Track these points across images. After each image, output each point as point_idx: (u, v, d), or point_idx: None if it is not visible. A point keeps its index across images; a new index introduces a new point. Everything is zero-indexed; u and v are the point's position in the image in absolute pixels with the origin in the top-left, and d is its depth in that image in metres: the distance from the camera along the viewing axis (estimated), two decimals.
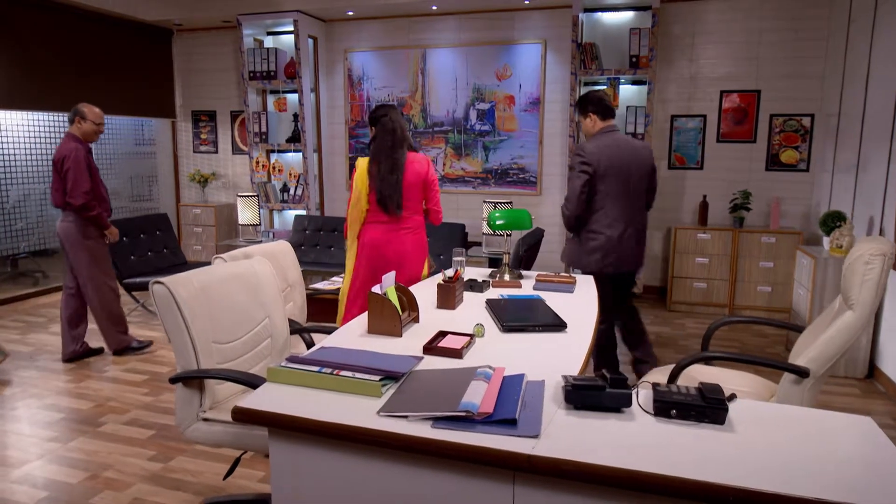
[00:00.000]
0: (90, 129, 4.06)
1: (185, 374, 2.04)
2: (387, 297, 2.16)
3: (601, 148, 3.32)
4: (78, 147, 3.96)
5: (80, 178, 3.90)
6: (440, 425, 1.47)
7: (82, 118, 4.03)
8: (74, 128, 4.04)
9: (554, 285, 2.93)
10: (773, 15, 5.32)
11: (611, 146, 3.34)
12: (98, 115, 4.11)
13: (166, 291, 2.03)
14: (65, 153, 3.93)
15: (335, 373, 1.71)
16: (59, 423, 3.21)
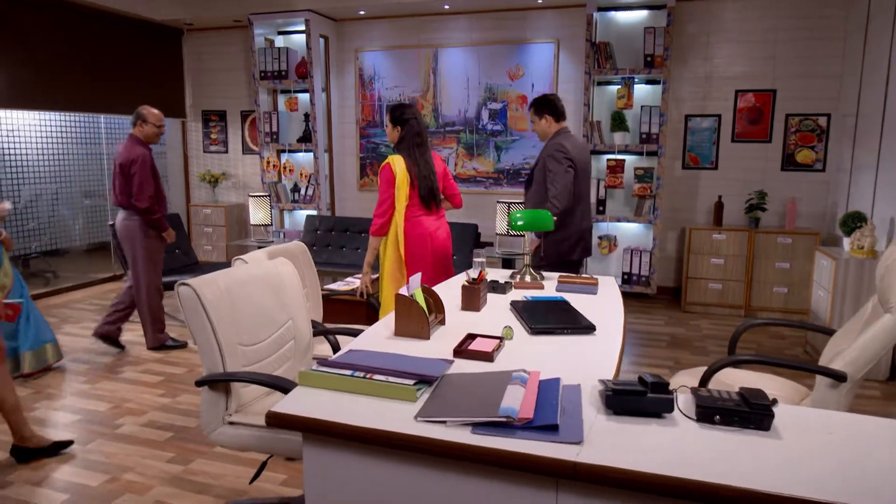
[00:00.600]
0: (151, 131, 4.22)
1: (212, 377, 2.01)
2: (414, 299, 2.13)
3: (574, 146, 3.60)
4: (145, 152, 4.12)
5: (146, 182, 4.07)
6: (480, 431, 1.44)
7: (144, 121, 4.18)
8: (137, 130, 4.19)
9: (576, 287, 2.90)
10: (789, 14, 5.28)
11: (577, 145, 3.63)
12: (158, 118, 4.25)
13: (192, 293, 2.01)
14: (133, 157, 4.07)
15: (368, 376, 1.68)
16: (77, 424, 3.19)
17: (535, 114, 3.69)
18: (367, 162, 6.71)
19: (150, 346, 4.36)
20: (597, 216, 5.62)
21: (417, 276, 2.30)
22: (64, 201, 6.21)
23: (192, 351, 4.36)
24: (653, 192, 5.41)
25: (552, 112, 3.65)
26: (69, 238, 6.38)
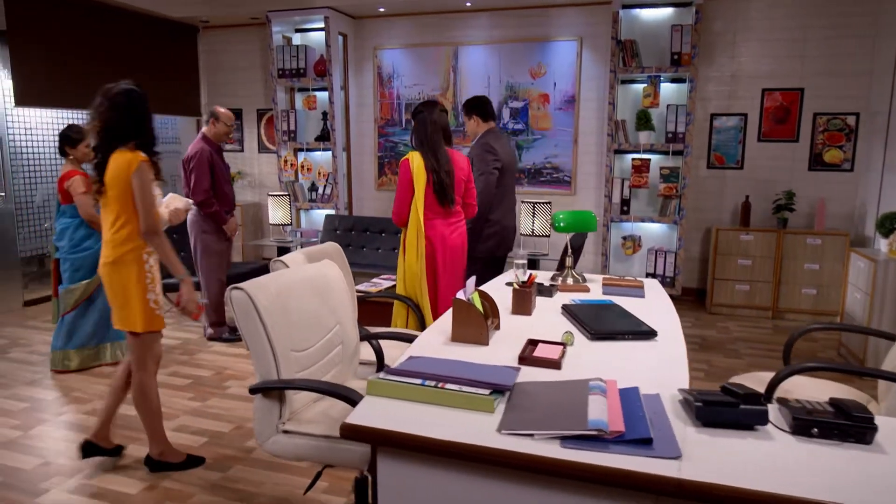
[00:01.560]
0: (222, 130, 4.39)
1: (269, 385, 1.94)
2: (472, 304, 2.06)
3: (502, 146, 3.88)
4: (204, 148, 4.25)
5: (202, 177, 4.19)
6: (570, 444, 1.37)
7: (216, 120, 4.33)
8: (208, 129, 4.37)
9: (622, 289, 2.83)
10: (817, 12, 5.20)
11: (504, 145, 3.94)
12: (230, 118, 4.45)
13: (245, 297, 1.94)
14: (192, 153, 4.25)
15: (440, 386, 1.61)
16: None
17: (465, 114, 3.97)
18: (386, 161, 6.63)
19: (208, 336, 4.55)
20: (621, 216, 5.55)
21: (472, 279, 2.23)
22: None
23: (227, 353, 4.29)
24: (678, 192, 5.34)
25: (480, 113, 3.92)
26: None
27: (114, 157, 2.49)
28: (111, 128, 2.50)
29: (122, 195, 2.49)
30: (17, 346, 4.38)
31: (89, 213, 3.76)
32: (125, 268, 2.53)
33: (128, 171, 2.46)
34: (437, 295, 3.33)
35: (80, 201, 3.74)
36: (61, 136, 3.83)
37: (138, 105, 2.53)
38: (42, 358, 4.15)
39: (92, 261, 3.78)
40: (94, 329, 3.93)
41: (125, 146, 2.51)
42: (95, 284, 3.87)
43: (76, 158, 3.82)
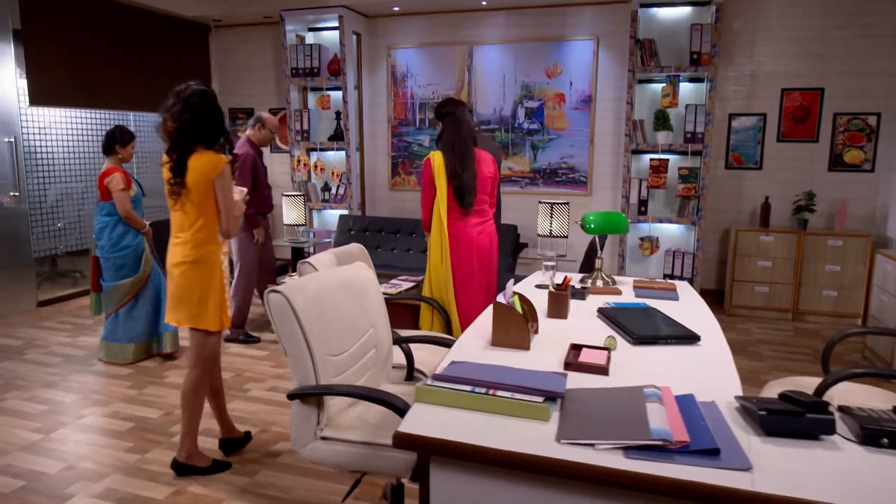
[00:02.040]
0: (266, 136, 4.48)
1: (309, 391, 1.90)
2: (513, 308, 2.02)
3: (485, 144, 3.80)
4: (249, 152, 4.32)
5: (243, 181, 4.24)
6: (634, 455, 1.33)
7: (262, 125, 4.40)
8: (253, 133, 4.43)
9: (655, 292, 2.79)
10: (837, 11, 5.15)
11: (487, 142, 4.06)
12: (275, 124, 4.53)
13: (283, 300, 1.89)
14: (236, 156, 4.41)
15: (491, 393, 1.57)
16: (132, 433, 3.08)
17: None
18: (399, 161, 6.59)
19: (226, 338, 4.52)
20: (639, 216, 5.50)
21: (511, 282, 2.19)
22: (92, 201, 6.09)
23: (245, 354, 4.25)
24: (697, 192, 5.29)
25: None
26: None
27: (194, 158, 2.48)
28: (185, 129, 2.48)
29: (204, 197, 2.50)
30: (33, 347, 4.35)
31: (127, 209, 3.86)
32: (205, 268, 2.56)
33: (212, 173, 2.48)
34: (466, 297, 3.29)
35: (119, 198, 3.83)
36: (111, 134, 3.90)
37: (211, 106, 2.53)
38: (59, 360, 4.12)
39: (133, 258, 3.95)
40: (144, 323, 4.06)
41: (204, 148, 2.51)
42: (142, 280, 4.01)
43: (122, 158, 3.92)
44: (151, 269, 4.08)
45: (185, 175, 2.48)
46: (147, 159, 6.59)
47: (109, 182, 3.82)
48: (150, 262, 4.08)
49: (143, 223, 4.00)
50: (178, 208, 2.55)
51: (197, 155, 2.49)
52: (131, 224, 3.92)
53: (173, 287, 2.59)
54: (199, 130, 2.49)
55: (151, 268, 4.08)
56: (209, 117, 2.51)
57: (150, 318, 4.08)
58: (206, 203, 2.52)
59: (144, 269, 4.02)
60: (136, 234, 3.98)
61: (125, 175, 3.89)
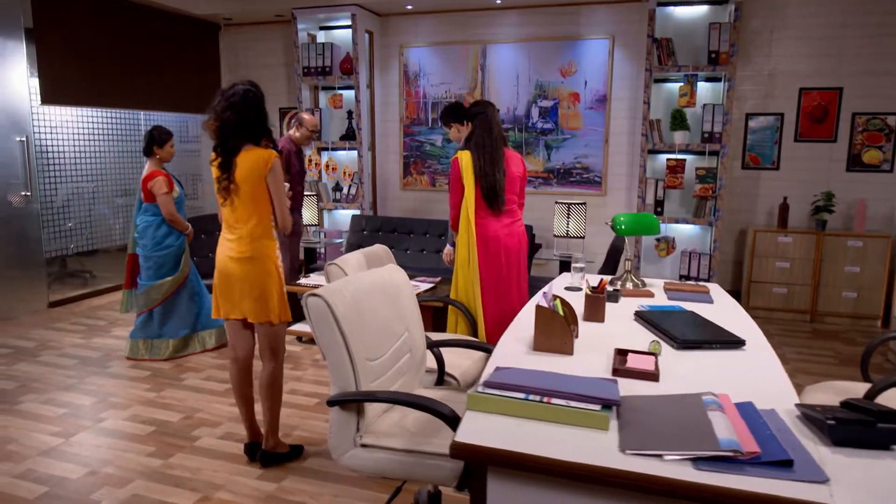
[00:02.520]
0: (305, 135, 4.58)
1: (350, 397, 1.85)
2: (556, 312, 1.97)
3: None
4: (285, 147, 4.42)
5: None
6: (703, 466, 1.28)
7: (300, 125, 4.47)
8: (293, 132, 4.55)
9: (688, 294, 2.74)
10: (856, 10, 5.10)
11: None
12: (314, 125, 4.64)
13: (323, 304, 1.85)
14: None
15: (545, 400, 1.52)
16: (153, 437, 3.04)
17: (444, 125, 3.67)
18: (411, 161, 6.54)
19: None
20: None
21: (551, 284, 2.14)
22: (102, 200, 6.05)
23: None
24: (714, 192, 5.24)
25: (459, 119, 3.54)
26: (106, 238, 6.21)
27: (243, 155, 2.52)
28: (227, 127, 2.51)
29: (256, 192, 2.54)
30: (46, 349, 4.30)
31: (171, 212, 3.98)
32: (264, 263, 2.61)
33: (264, 168, 2.52)
34: (494, 298, 3.26)
35: (163, 201, 3.94)
36: (148, 135, 3.99)
37: (253, 105, 2.54)
38: (74, 361, 4.07)
39: (174, 257, 4.07)
40: (182, 321, 4.17)
41: (252, 144, 2.54)
42: (181, 280, 4.11)
43: (161, 158, 4.01)
44: (190, 269, 4.18)
45: (232, 171, 2.52)
46: None
47: (153, 186, 3.93)
48: (189, 262, 4.18)
49: (185, 225, 4.10)
50: (228, 204, 2.59)
51: (245, 152, 2.52)
52: (175, 226, 4.03)
53: (232, 282, 2.62)
54: (241, 128, 2.51)
55: (190, 268, 4.18)
56: (251, 116, 2.53)
57: (188, 316, 4.19)
58: (259, 198, 2.55)
59: (183, 269, 4.12)
60: (178, 234, 4.09)
61: (167, 178, 3.99)
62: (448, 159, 6.42)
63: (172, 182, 4.05)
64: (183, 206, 4.17)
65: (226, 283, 2.63)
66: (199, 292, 4.26)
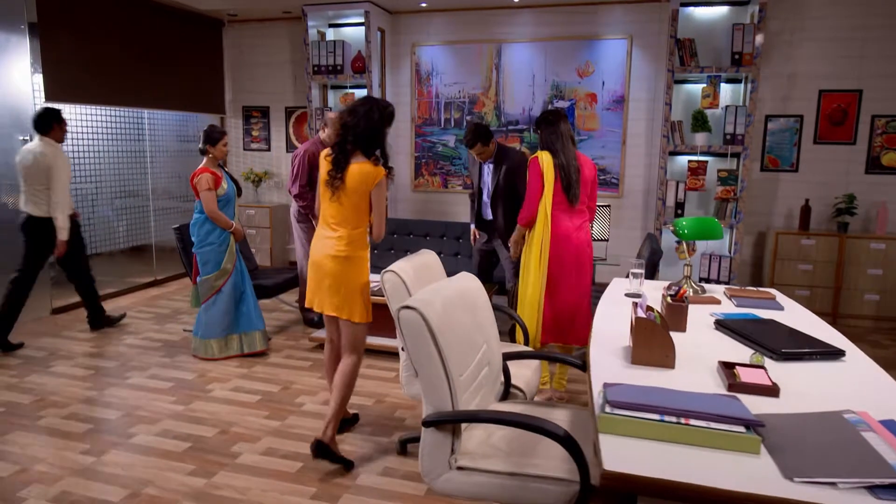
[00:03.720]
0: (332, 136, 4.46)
1: (450, 418, 1.73)
2: (657, 324, 1.87)
3: None
4: (308, 148, 4.49)
5: (299, 173, 4.47)
6: (883, 496, 1.19)
7: (326, 125, 4.46)
8: (320, 132, 4.55)
9: (754, 301, 2.66)
10: (876, 12, 5.10)
11: None
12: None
13: (418, 318, 1.73)
14: (299, 150, 4.55)
15: (683, 422, 1.42)
16: (190, 453, 2.87)
17: (484, 144, 4.10)
18: (423, 161, 6.42)
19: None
20: (675, 220, 5.39)
21: (645, 296, 2.04)
22: (104, 201, 5.81)
23: (287, 365, 4.04)
24: (736, 195, 5.21)
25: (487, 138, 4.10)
26: (108, 240, 5.98)
27: (355, 166, 2.66)
28: (345, 133, 2.67)
29: (360, 203, 2.71)
30: (58, 359, 4.09)
31: (211, 209, 3.93)
32: (358, 265, 2.76)
33: (371, 184, 2.67)
34: (556, 295, 3.32)
35: (204, 197, 3.92)
36: (205, 134, 3.98)
37: (373, 120, 2.67)
38: (89, 372, 3.88)
39: (215, 255, 4.01)
40: (223, 321, 4.08)
41: (363, 157, 2.68)
42: (222, 279, 4.03)
43: (214, 156, 3.99)
44: (233, 269, 4.08)
45: (344, 172, 2.66)
46: (158, 156, 6.32)
47: (198, 182, 3.93)
48: (233, 262, 4.09)
49: (228, 222, 4.03)
50: (335, 200, 2.71)
51: (358, 163, 2.66)
52: (216, 223, 3.98)
53: (322, 277, 2.75)
54: (356, 138, 2.65)
55: (233, 267, 4.08)
56: (368, 130, 2.66)
57: (228, 318, 4.10)
58: (362, 208, 2.72)
59: (225, 268, 4.04)
60: (221, 232, 4.03)
61: (214, 175, 3.95)
62: (461, 160, 6.31)
63: (220, 179, 3.99)
64: (231, 204, 4.11)
65: (318, 276, 2.77)
66: (244, 294, 4.16)
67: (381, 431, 3.12)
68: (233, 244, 4.07)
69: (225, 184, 4.03)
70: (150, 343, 4.43)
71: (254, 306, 4.18)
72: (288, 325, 4.93)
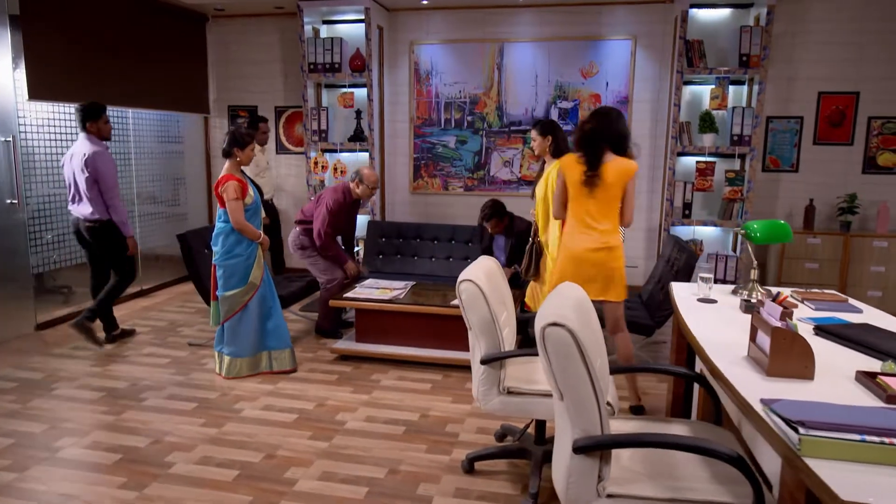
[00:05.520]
0: (366, 192, 4.54)
1: (606, 442, 1.60)
2: (797, 334, 1.80)
3: None
4: (338, 200, 4.46)
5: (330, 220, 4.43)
6: None
7: (361, 181, 4.48)
8: (354, 187, 4.52)
9: (831, 304, 2.64)
10: (874, 16, 5.25)
11: None
12: (375, 181, 4.56)
13: (568, 337, 1.60)
14: (325, 194, 4.54)
15: (887, 442, 1.34)
16: (243, 483, 2.65)
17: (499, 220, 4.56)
18: (422, 163, 6.25)
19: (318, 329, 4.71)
20: (682, 220, 5.42)
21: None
22: None
23: (311, 380, 3.81)
24: (743, 195, 5.26)
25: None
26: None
27: (610, 164, 3.02)
28: (599, 133, 3.03)
29: (618, 195, 3.07)
30: (59, 381, 3.75)
31: (238, 219, 3.67)
32: (618, 251, 3.14)
33: (628, 177, 3.05)
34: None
35: (231, 207, 3.65)
36: (231, 135, 3.68)
37: (622, 120, 3.13)
38: (99, 394, 3.56)
39: (243, 268, 3.74)
40: (251, 338, 3.82)
41: (613, 155, 3.05)
42: (249, 293, 3.74)
43: (241, 161, 3.73)
44: (260, 283, 3.80)
45: (598, 169, 3.00)
46: (143, 158, 5.94)
47: (224, 191, 3.65)
48: (260, 276, 3.81)
49: (256, 233, 3.77)
50: (592, 197, 3.06)
51: (614, 160, 3.03)
52: (244, 234, 3.72)
53: (586, 267, 3.09)
54: (611, 139, 3.04)
55: (261, 281, 3.81)
56: (619, 131, 3.07)
57: (256, 335, 3.83)
58: (617, 199, 3.08)
59: (252, 282, 3.77)
60: (248, 244, 3.76)
61: (241, 183, 3.66)
62: (461, 161, 6.18)
63: (246, 187, 3.70)
64: (257, 214, 3.83)
65: (579, 268, 3.11)
66: (272, 309, 3.88)
67: (436, 449, 2.96)
68: (261, 256, 3.80)
69: (252, 192, 3.75)
70: (157, 360, 4.13)
71: (282, 322, 3.91)
72: (299, 335, 4.69)
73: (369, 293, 4.21)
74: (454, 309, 3.93)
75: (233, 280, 3.73)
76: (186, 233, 4.29)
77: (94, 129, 4.16)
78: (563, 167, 3.17)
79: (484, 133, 6.07)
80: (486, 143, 6.08)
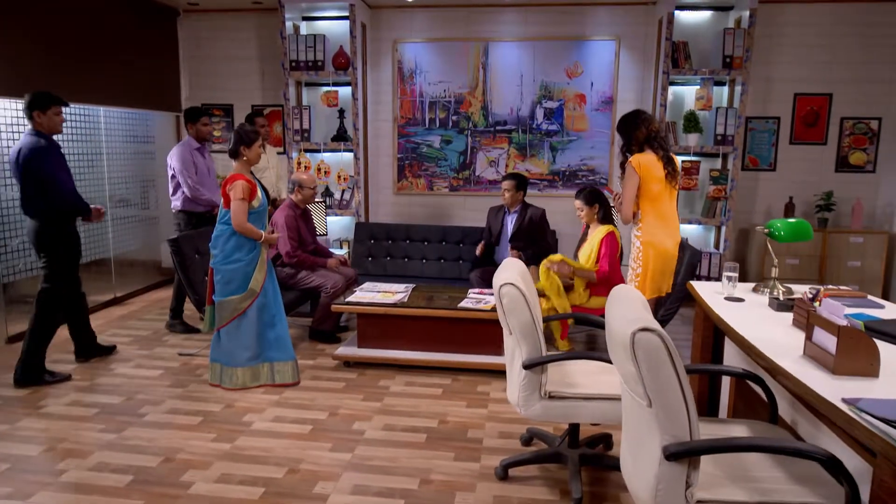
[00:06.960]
0: (308, 194, 4.54)
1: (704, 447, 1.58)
2: (863, 332, 1.82)
3: None
4: (289, 215, 4.43)
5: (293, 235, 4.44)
6: None
7: (301, 187, 4.49)
8: (294, 196, 4.52)
9: (854, 300, 2.70)
10: (847, 20, 5.46)
11: None
12: (313, 180, 4.59)
13: (658, 341, 1.56)
14: (277, 217, 4.46)
15: None
16: (270, 500, 2.51)
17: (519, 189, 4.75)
18: (406, 163, 6.16)
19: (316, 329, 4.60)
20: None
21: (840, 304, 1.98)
22: None
23: (325, 388, 3.68)
24: (727, 194, 5.39)
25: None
26: None
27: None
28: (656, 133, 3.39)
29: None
30: (47, 398, 3.51)
31: (240, 221, 3.48)
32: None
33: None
34: None
35: (234, 207, 3.47)
36: (237, 134, 3.48)
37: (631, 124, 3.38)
38: (94, 410, 3.35)
39: (242, 274, 3.56)
40: (250, 348, 3.63)
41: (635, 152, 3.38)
42: (249, 299, 3.54)
43: (249, 160, 3.57)
44: (261, 290, 3.62)
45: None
46: (115, 159, 5.64)
47: (231, 189, 3.47)
48: (262, 283, 3.61)
49: (257, 233, 3.56)
50: (668, 196, 3.38)
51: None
52: (245, 234, 3.53)
53: (671, 264, 3.40)
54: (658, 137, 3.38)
55: (261, 288, 3.62)
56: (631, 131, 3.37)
57: (256, 344, 3.64)
58: None
59: (252, 289, 3.59)
60: (250, 248, 3.58)
61: (249, 184, 3.47)
62: (446, 162, 6.12)
63: (255, 189, 3.53)
64: (263, 218, 3.64)
65: (668, 264, 3.35)
66: (276, 318, 3.69)
67: (464, 456, 2.90)
68: (264, 262, 3.63)
69: (260, 194, 3.58)
70: (149, 371, 3.92)
71: (286, 333, 3.73)
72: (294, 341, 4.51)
73: (372, 297, 4.11)
74: (464, 311, 3.87)
75: (231, 286, 3.55)
76: (177, 237, 4.08)
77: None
78: (647, 166, 3.29)
79: (469, 133, 6.03)
80: (471, 142, 6.04)
